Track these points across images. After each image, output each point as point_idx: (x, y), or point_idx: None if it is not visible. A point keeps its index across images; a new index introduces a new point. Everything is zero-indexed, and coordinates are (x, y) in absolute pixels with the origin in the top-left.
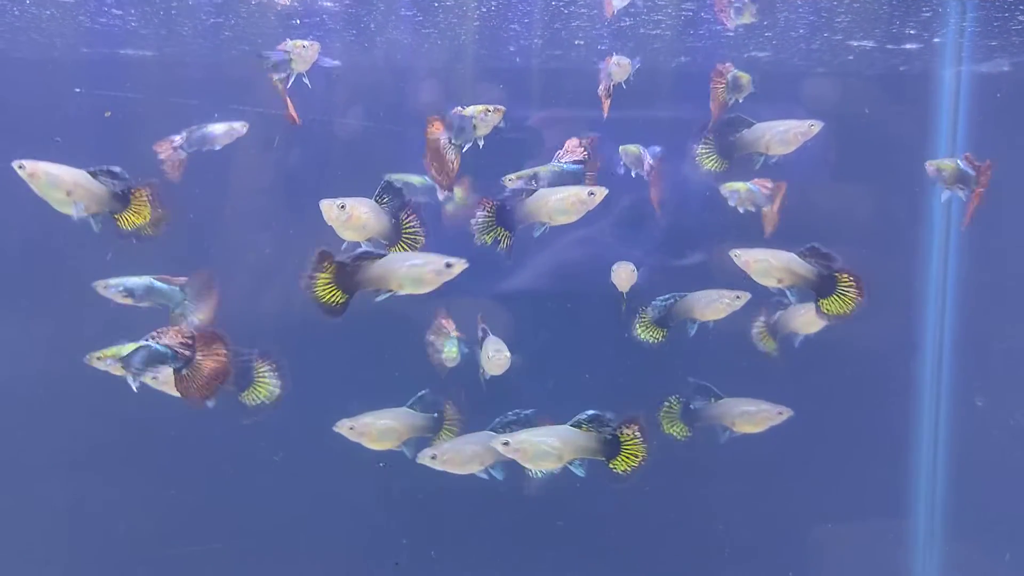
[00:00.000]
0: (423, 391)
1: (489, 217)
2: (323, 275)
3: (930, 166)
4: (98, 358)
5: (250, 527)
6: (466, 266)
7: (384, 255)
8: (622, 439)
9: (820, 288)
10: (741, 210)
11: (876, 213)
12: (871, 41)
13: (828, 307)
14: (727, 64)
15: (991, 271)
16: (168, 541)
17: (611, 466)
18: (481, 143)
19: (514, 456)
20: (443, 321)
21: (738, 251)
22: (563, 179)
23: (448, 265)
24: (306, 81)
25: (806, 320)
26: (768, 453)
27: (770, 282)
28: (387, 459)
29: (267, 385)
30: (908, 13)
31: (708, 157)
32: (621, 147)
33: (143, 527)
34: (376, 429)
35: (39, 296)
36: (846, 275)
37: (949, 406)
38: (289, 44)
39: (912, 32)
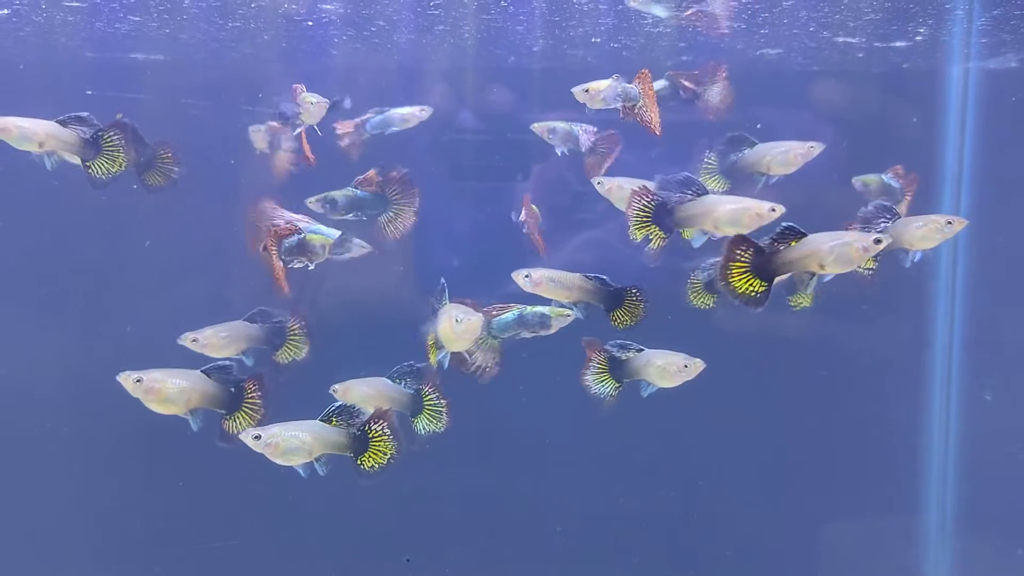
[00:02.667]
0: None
1: (645, 211)
2: (738, 263)
3: (856, 182)
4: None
5: (266, 523)
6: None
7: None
8: (370, 435)
9: (608, 301)
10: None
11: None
12: (877, 41)
13: (619, 318)
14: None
15: (1001, 268)
16: (185, 538)
17: (358, 462)
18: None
19: (265, 451)
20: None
21: (602, 178)
22: (357, 204)
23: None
24: (317, 131)
25: (921, 234)
26: (779, 449)
27: (561, 296)
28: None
29: (297, 345)
30: (914, 9)
31: (711, 176)
32: (537, 124)
33: (159, 524)
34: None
35: (56, 293)
36: (633, 290)
37: (959, 402)
38: (301, 96)
39: (920, 29)
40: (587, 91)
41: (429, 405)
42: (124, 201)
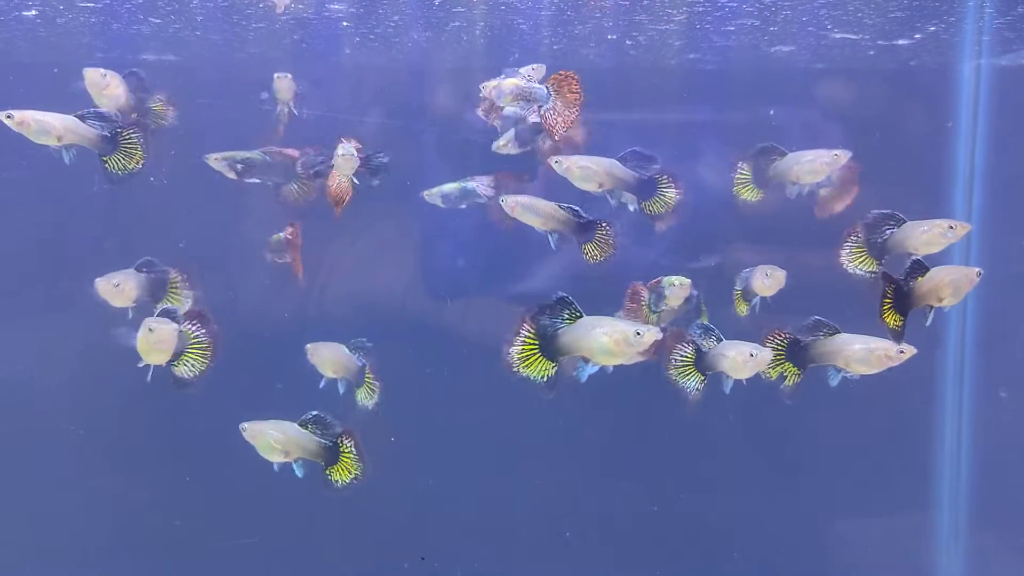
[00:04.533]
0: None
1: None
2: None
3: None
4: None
5: (282, 522)
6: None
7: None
8: (341, 449)
9: (640, 190)
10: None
11: (896, 211)
12: (888, 38)
13: (650, 208)
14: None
15: (1013, 266)
16: (202, 536)
17: (327, 472)
18: None
19: (250, 441)
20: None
21: (559, 158)
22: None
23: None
24: (294, 110)
25: (925, 239)
26: (792, 447)
27: (592, 187)
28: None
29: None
30: (931, 4)
31: (744, 186)
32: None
33: (173, 523)
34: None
35: (65, 292)
36: (664, 176)
37: (972, 400)
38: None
39: (930, 27)
40: (493, 88)
41: (368, 381)
42: (133, 199)
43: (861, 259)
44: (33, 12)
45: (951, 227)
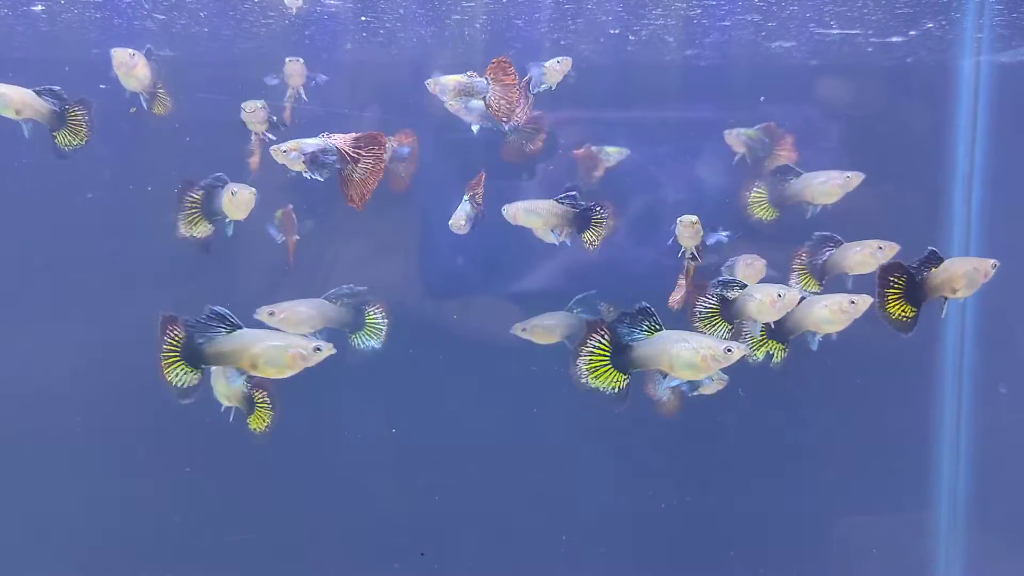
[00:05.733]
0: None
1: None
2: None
3: (729, 134)
4: (283, 151)
5: (280, 518)
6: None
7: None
8: (256, 400)
9: (578, 223)
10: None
11: (895, 209)
12: (888, 34)
13: (588, 238)
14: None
15: (1012, 263)
16: (197, 532)
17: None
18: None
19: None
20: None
21: (506, 206)
22: None
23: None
24: (304, 96)
25: (857, 260)
26: (790, 444)
27: (538, 224)
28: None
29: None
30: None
31: (760, 206)
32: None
33: (171, 519)
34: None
35: (69, 291)
36: (597, 207)
37: (971, 397)
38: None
39: (931, 23)
40: (435, 84)
41: (371, 322)
42: (133, 196)
43: (806, 281)
44: (39, 7)
45: (880, 248)
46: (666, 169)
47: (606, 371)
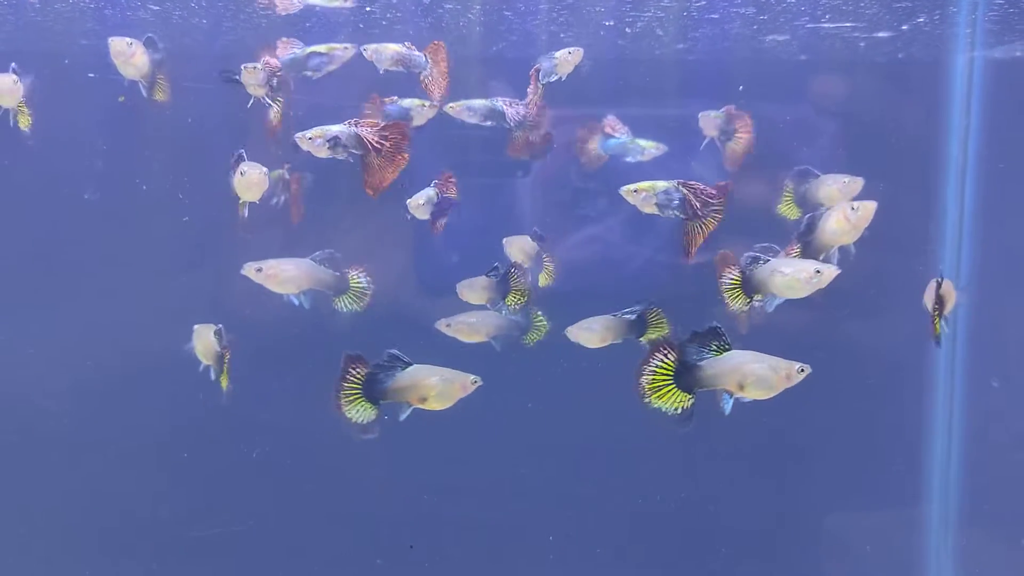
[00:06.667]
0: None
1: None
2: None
3: (703, 116)
4: (308, 138)
5: (271, 509)
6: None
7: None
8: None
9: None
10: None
11: (887, 205)
12: (881, 29)
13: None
14: None
15: (1005, 260)
16: (189, 523)
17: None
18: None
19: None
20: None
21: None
22: None
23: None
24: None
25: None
26: (781, 441)
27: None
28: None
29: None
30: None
31: (788, 206)
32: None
33: (163, 510)
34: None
35: (72, 286)
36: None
37: (963, 394)
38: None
39: (925, 17)
40: (373, 51)
41: (355, 286)
42: (131, 195)
43: (736, 297)
44: None
45: (818, 271)
46: (661, 166)
47: (669, 391)
